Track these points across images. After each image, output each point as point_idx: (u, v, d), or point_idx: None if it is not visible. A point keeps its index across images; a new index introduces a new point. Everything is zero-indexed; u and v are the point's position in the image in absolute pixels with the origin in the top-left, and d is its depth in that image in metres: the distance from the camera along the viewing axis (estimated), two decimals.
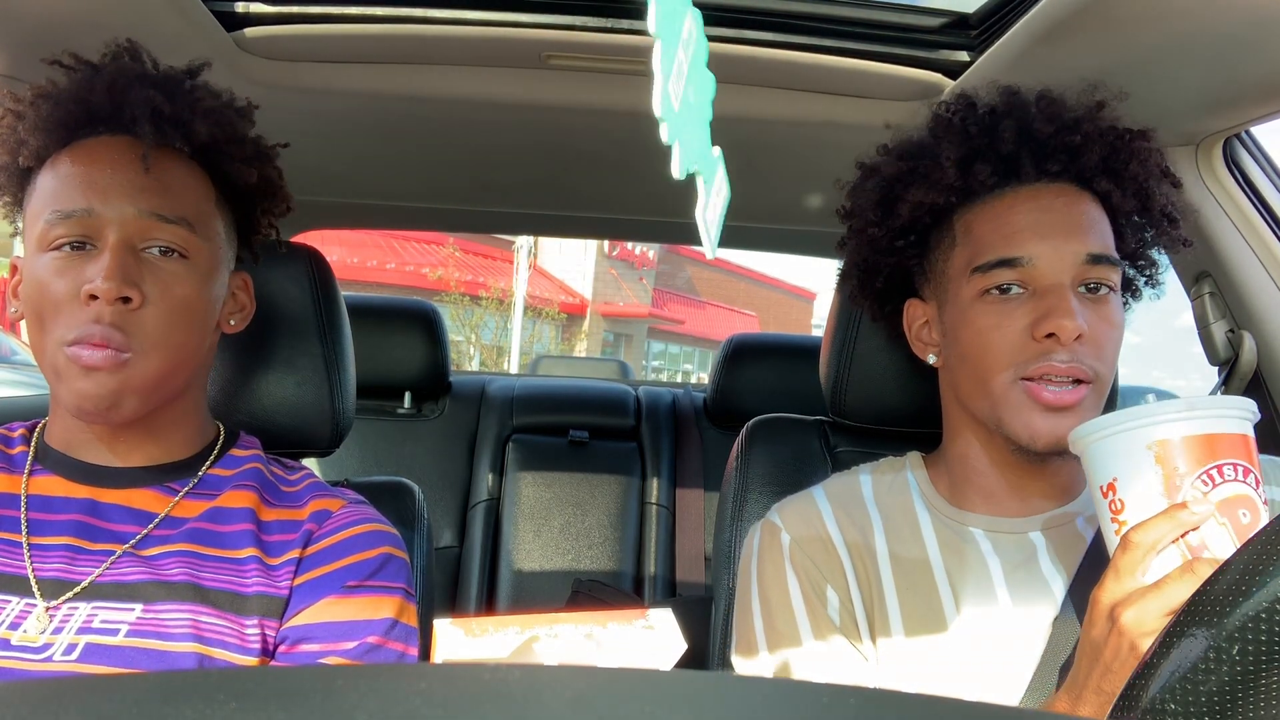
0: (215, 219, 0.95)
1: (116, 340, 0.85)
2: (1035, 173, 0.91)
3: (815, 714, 0.30)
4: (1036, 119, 0.91)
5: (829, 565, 0.96)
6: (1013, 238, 0.89)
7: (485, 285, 15.73)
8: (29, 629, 0.84)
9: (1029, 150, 0.90)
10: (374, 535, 0.96)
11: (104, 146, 0.90)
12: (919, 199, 0.94)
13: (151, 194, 0.88)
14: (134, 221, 0.87)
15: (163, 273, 0.88)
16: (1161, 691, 0.42)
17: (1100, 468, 0.77)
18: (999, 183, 0.92)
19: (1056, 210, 0.89)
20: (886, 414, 1.16)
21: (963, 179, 0.92)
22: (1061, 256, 0.87)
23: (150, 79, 0.92)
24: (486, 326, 15.50)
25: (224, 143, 0.94)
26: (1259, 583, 0.41)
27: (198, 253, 0.91)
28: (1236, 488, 0.72)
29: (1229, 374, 1.32)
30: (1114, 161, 0.91)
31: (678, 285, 23.94)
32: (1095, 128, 0.91)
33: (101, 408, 0.87)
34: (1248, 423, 0.74)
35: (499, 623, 0.64)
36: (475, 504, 2.20)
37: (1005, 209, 0.91)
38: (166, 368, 0.89)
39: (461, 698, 0.30)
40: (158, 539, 0.91)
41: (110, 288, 0.84)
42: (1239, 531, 0.71)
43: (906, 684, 0.91)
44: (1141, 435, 0.74)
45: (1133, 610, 0.70)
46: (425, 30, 1.20)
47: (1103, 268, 0.88)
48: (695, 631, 1.17)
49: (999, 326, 0.88)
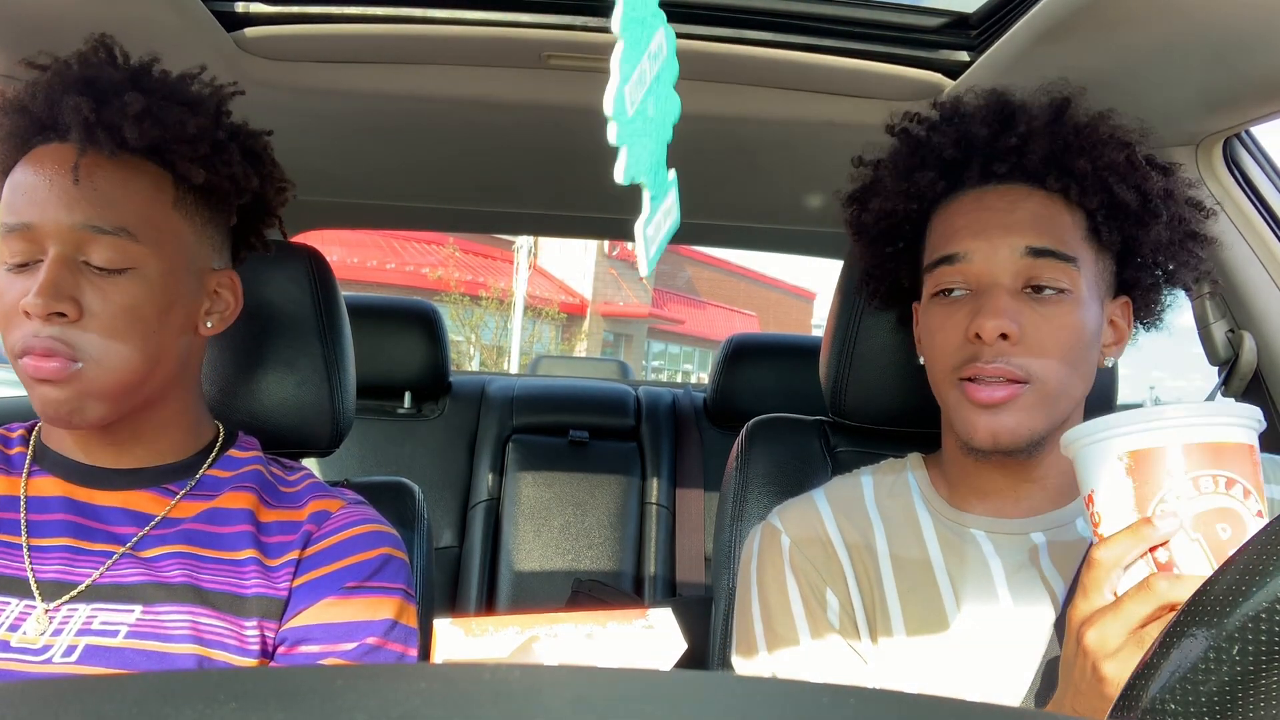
0: (171, 221, 0.91)
1: (62, 350, 0.84)
2: (980, 176, 0.92)
3: (815, 714, 0.30)
4: (972, 123, 0.92)
5: (829, 568, 0.96)
6: (952, 236, 0.91)
7: (485, 285, 15.72)
8: (28, 631, 0.84)
9: (974, 155, 0.92)
10: (373, 536, 0.96)
11: (48, 155, 0.88)
12: (880, 208, 0.98)
13: (89, 204, 0.86)
14: (69, 233, 0.85)
15: (103, 284, 0.86)
16: (1161, 691, 0.42)
17: (1081, 478, 0.74)
18: (949, 189, 0.94)
19: (997, 209, 0.90)
20: (887, 414, 1.16)
21: (912, 186, 0.95)
22: (996, 249, 0.88)
23: (86, 83, 0.88)
24: (486, 326, 15.50)
25: (171, 143, 0.89)
26: (1259, 583, 0.41)
27: (144, 260, 0.87)
28: (1216, 500, 0.67)
29: (1229, 374, 1.32)
30: (1062, 158, 0.90)
31: (678, 285, 23.93)
32: (1033, 126, 0.90)
33: (62, 414, 0.86)
34: (1237, 429, 0.69)
35: (499, 623, 0.64)
36: (475, 504, 2.20)
37: (953, 212, 0.93)
38: (126, 376, 0.87)
39: (461, 698, 0.30)
40: (156, 540, 0.91)
41: (38, 304, 0.83)
42: (1215, 548, 0.67)
43: (908, 684, 0.91)
44: (1113, 446, 0.70)
45: (1095, 630, 0.68)
46: (425, 30, 1.20)
47: (1045, 262, 0.87)
48: (695, 631, 1.17)
49: (943, 328, 0.91)
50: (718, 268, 24.56)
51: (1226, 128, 1.24)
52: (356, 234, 12.16)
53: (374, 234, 13.12)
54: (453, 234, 13.48)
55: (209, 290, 0.95)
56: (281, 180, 1.02)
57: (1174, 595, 0.66)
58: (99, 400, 0.86)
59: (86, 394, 0.86)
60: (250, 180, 0.96)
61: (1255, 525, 0.67)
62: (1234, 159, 1.32)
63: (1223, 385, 1.33)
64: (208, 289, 0.95)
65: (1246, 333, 1.31)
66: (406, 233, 13.20)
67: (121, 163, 0.88)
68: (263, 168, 0.99)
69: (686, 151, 1.62)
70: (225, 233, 0.99)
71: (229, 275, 0.98)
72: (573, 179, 1.83)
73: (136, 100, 0.87)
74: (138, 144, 0.87)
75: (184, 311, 0.92)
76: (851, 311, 1.15)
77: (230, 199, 0.97)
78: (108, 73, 0.89)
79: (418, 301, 2.32)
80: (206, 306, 0.95)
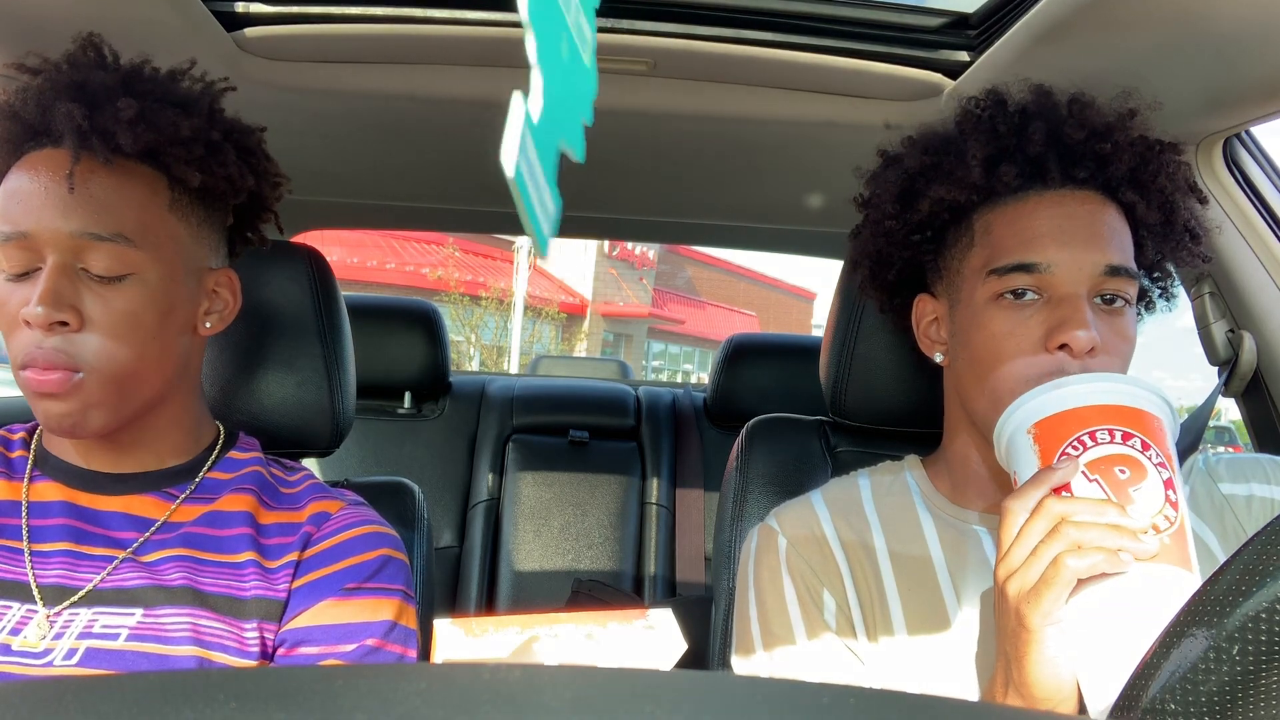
0: (168, 224, 0.90)
1: (64, 361, 0.83)
2: (1061, 178, 0.89)
3: (815, 714, 0.30)
4: (1068, 123, 0.88)
5: (825, 568, 0.96)
6: (1033, 243, 0.87)
7: (485, 285, 15.72)
8: (29, 635, 0.84)
9: (1057, 154, 0.88)
10: (372, 537, 0.96)
11: (42, 161, 0.86)
12: (940, 195, 0.92)
13: (83, 212, 0.85)
14: (67, 241, 0.84)
15: (103, 292, 0.85)
16: (1161, 691, 0.42)
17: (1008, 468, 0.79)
18: (1023, 185, 0.90)
19: (1079, 218, 0.87)
20: (887, 414, 1.16)
21: (987, 178, 0.90)
22: (1080, 266, 0.85)
23: (77, 89, 0.87)
24: (486, 326, 15.50)
25: (165, 146, 0.89)
26: (1259, 583, 0.41)
27: (142, 265, 0.87)
28: (1110, 449, 0.72)
29: (1229, 374, 1.32)
30: (1142, 173, 0.89)
31: (678, 285, 23.93)
32: (1126, 137, 0.89)
33: (66, 425, 0.86)
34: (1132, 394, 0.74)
35: (499, 623, 0.64)
36: (475, 504, 2.20)
37: (1028, 213, 0.88)
38: (127, 382, 0.87)
39: (461, 698, 0.30)
40: (157, 544, 0.90)
41: (40, 314, 0.82)
42: (1114, 486, 0.71)
43: (909, 682, 0.91)
44: (1019, 421, 0.77)
45: (1015, 579, 0.71)
46: (425, 30, 1.20)
47: (1120, 280, 0.86)
48: (695, 632, 1.17)
49: (1012, 334, 0.87)
50: (718, 268, 24.56)
51: (1226, 128, 1.24)
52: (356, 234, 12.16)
53: (374, 234, 13.12)
54: (453, 234, 13.48)
55: (207, 290, 0.95)
56: (276, 175, 1.01)
57: (1064, 510, 0.70)
58: (101, 409, 0.86)
59: (89, 404, 0.85)
60: (246, 179, 0.95)
61: (1156, 473, 0.71)
62: (1234, 159, 1.32)
63: (1223, 385, 1.33)
64: (206, 289, 0.95)
65: (1246, 333, 1.31)
66: (406, 233, 13.20)
67: (116, 168, 0.87)
68: (257, 164, 0.98)
69: (687, 152, 1.62)
70: (221, 231, 0.98)
71: (226, 274, 0.97)
72: (573, 179, 1.83)
73: (129, 105, 0.86)
74: (132, 149, 0.87)
75: (184, 313, 0.92)
76: (851, 311, 1.15)
77: (226, 199, 0.96)
78: (99, 76, 0.88)
79: (418, 301, 2.32)
80: (205, 306, 0.95)
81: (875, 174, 1.00)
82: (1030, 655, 0.71)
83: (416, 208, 2.15)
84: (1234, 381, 1.32)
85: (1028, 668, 0.71)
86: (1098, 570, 0.68)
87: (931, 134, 0.96)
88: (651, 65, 1.26)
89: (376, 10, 1.19)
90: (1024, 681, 0.72)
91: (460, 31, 1.20)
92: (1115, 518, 0.69)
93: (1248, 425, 1.40)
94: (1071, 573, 0.68)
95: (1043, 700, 0.71)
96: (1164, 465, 0.72)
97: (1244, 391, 1.36)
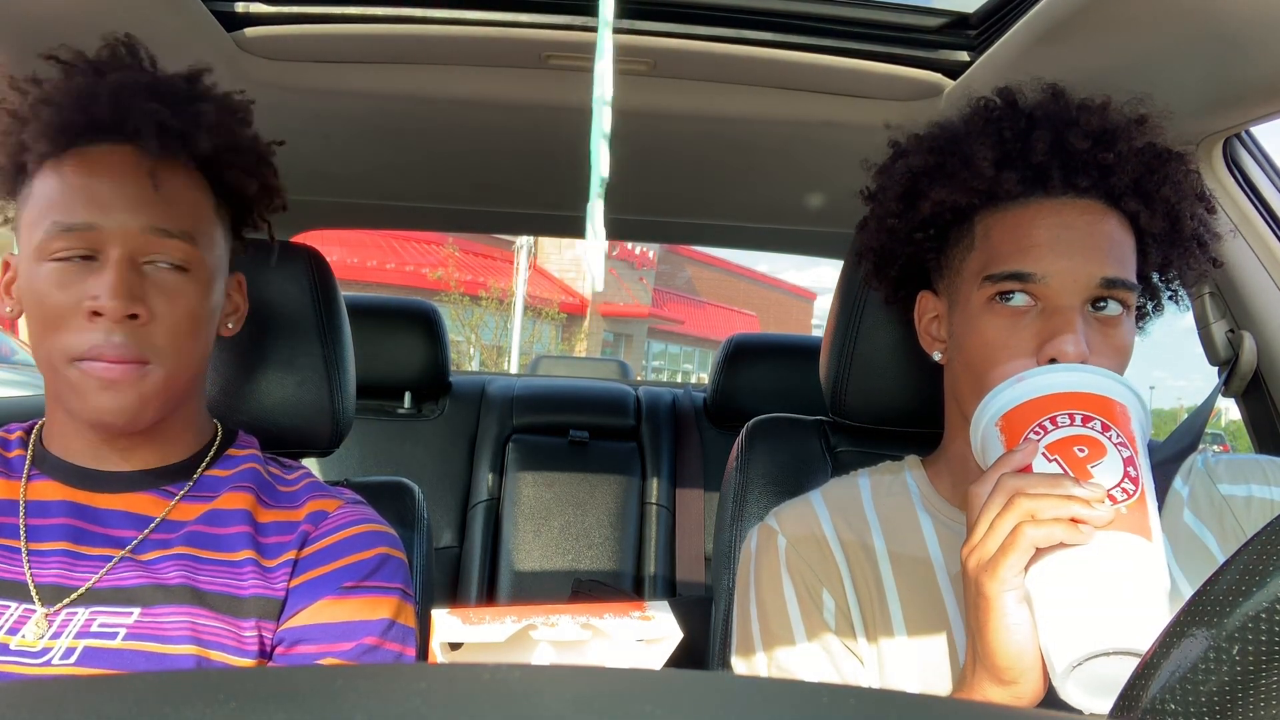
0: (215, 227, 0.94)
1: (135, 353, 0.85)
2: (1063, 186, 0.88)
3: (815, 714, 0.30)
4: (1072, 131, 0.88)
5: (824, 569, 0.96)
6: (1029, 251, 0.86)
7: (485, 285, 15.72)
8: (27, 634, 0.84)
9: (1060, 163, 0.88)
10: (371, 536, 0.96)
11: (107, 156, 0.88)
12: (941, 198, 0.91)
13: (155, 208, 0.87)
14: (137, 236, 0.86)
15: (167, 287, 0.88)
16: (1161, 691, 0.42)
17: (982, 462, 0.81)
18: (1024, 191, 0.89)
19: (1078, 228, 0.87)
20: (887, 414, 1.16)
21: (989, 183, 0.89)
22: (1075, 277, 0.85)
23: (154, 89, 0.90)
24: (486, 326, 15.49)
25: (226, 152, 0.93)
26: (1259, 583, 0.41)
27: (199, 264, 0.90)
28: (1069, 430, 0.74)
29: (1229, 374, 1.32)
30: (1146, 182, 0.88)
31: (678, 285, 23.93)
32: (1131, 146, 0.88)
33: (122, 420, 0.87)
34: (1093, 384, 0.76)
35: (496, 613, 0.64)
36: (475, 504, 2.20)
37: (1027, 220, 0.88)
38: (179, 377, 0.89)
39: (461, 698, 0.30)
40: (155, 543, 0.91)
41: (116, 306, 0.83)
42: (1073, 464, 0.72)
43: (909, 683, 0.91)
44: (989, 417, 0.79)
45: (975, 553, 0.73)
46: (425, 30, 1.20)
47: (1116, 291, 0.86)
48: (695, 632, 1.17)
49: (1005, 345, 0.86)
50: (718, 268, 24.56)
51: (1226, 128, 1.24)
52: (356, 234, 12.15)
53: (374, 234, 13.12)
54: (452, 234, 13.47)
55: (227, 291, 0.98)
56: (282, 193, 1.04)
57: (1018, 484, 0.71)
58: (155, 403, 0.88)
59: (150, 396, 0.87)
60: (280, 194, 0.99)
61: (1116, 451, 0.73)
62: (1234, 159, 1.32)
63: (1223, 385, 1.33)
64: (227, 290, 0.98)
65: (1246, 333, 1.31)
66: (406, 233, 13.21)
67: (183, 169, 0.91)
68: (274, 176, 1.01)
69: (687, 152, 1.62)
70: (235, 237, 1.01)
71: (237, 278, 1.01)
72: (572, 179, 1.83)
73: (210, 110, 0.91)
74: (206, 153, 0.90)
75: (218, 314, 0.96)
76: (851, 311, 1.15)
77: (254, 206, 1.00)
78: (175, 82, 0.92)
79: (418, 301, 2.32)
80: (227, 309, 0.98)
81: (884, 166, 0.99)
82: (990, 624, 0.72)
83: (416, 208, 2.15)
84: (1234, 381, 1.32)
85: (989, 637, 0.72)
86: (1055, 539, 0.69)
87: (939, 132, 0.95)
88: (652, 65, 1.26)
89: (376, 10, 1.19)
90: (986, 652, 0.73)
91: (460, 31, 1.20)
92: (1069, 489, 0.70)
93: (1247, 425, 1.40)
94: (1029, 540, 0.70)
95: (1006, 670, 0.72)
96: (1125, 445, 0.73)
97: (1244, 391, 1.36)
